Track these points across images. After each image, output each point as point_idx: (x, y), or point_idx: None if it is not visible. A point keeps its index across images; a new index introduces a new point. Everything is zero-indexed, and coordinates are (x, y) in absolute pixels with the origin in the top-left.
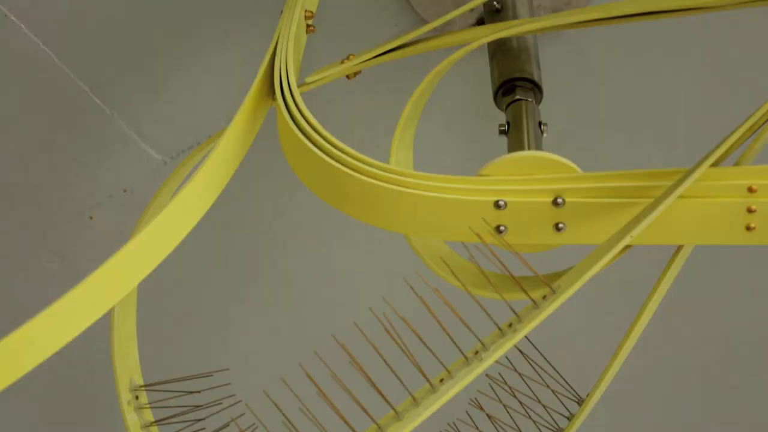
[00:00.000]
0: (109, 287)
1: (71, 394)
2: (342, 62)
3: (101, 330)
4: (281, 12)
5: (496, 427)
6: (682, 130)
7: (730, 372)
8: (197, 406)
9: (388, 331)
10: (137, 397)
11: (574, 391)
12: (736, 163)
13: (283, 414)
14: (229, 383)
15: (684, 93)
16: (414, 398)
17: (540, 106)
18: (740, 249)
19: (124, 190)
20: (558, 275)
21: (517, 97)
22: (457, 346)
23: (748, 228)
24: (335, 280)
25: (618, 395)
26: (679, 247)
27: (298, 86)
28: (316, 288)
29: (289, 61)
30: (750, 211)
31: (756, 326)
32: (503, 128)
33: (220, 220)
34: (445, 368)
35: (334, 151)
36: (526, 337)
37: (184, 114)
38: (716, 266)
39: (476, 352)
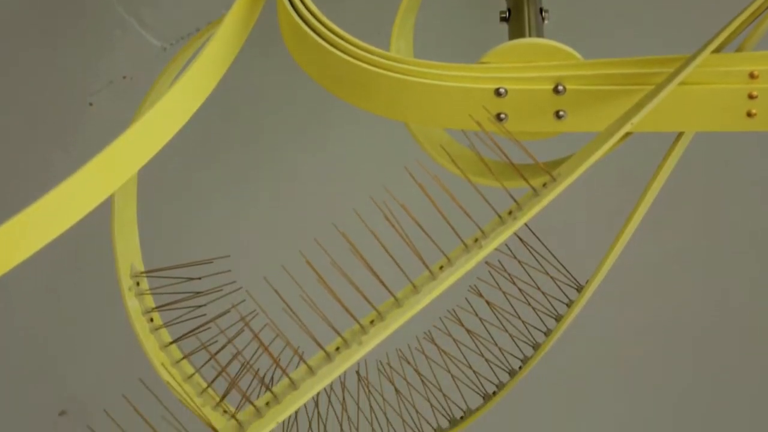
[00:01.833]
0: (109, 173)
1: (72, 280)
2: None
3: (102, 216)
4: None
5: (495, 314)
6: (684, 16)
7: (732, 257)
8: (198, 293)
9: (387, 219)
10: (138, 284)
11: (573, 278)
12: (738, 50)
13: (284, 301)
14: (230, 270)
15: None
16: (414, 285)
17: None
18: (741, 136)
19: (124, 77)
20: (558, 163)
21: None
22: (457, 234)
23: (749, 114)
24: (335, 168)
25: (617, 282)
26: (680, 134)
27: None
28: (317, 177)
29: None
30: (751, 97)
31: (756, 212)
32: (504, 15)
33: (221, 111)
34: (445, 256)
35: (335, 39)
36: (525, 224)
37: (184, 0)
38: (717, 154)
39: (476, 240)
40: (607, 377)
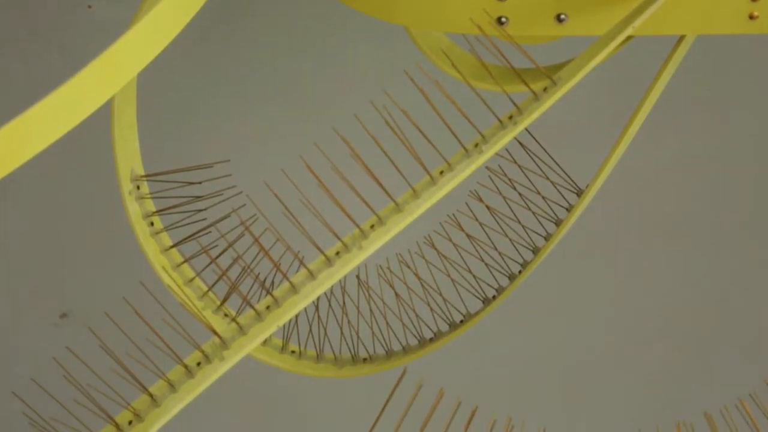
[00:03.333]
0: (108, 76)
1: (72, 184)
2: None
3: (101, 120)
4: None
5: (495, 219)
6: None
7: (731, 161)
8: (198, 197)
9: (387, 123)
10: (138, 187)
11: (574, 182)
12: None
13: (284, 205)
14: (230, 174)
15: None
16: (414, 190)
17: None
18: (742, 40)
19: None
20: (559, 67)
21: None
22: (457, 138)
23: (751, 17)
24: (336, 74)
25: (617, 186)
26: (681, 38)
27: None
28: (317, 83)
29: None
30: None
31: (755, 117)
32: None
33: (221, 17)
34: (445, 160)
35: None
36: (526, 129)
37: None
38: (717, 59)
39: (476, 145)
40: (605, 280)
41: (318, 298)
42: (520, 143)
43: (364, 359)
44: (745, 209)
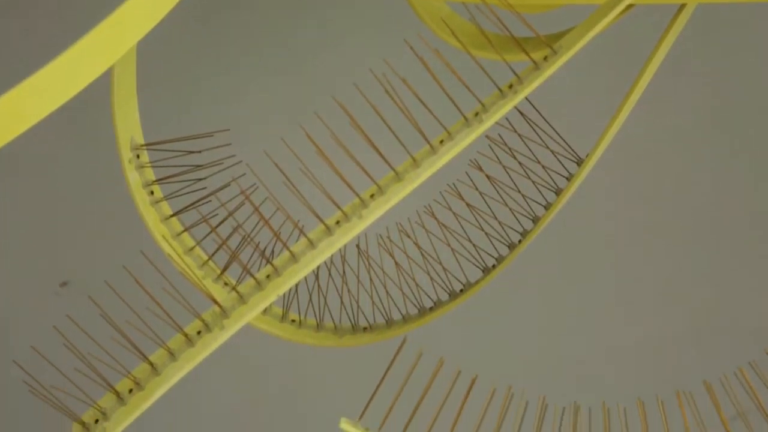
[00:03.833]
0: (108, 45)
1: (72, 153)
2: None
3: (101, 88)
4: None
5: (495, 188)
6: None
7: (730, 131)
8: (198, 166)
9: (387, 92)
10: (138, 156)
11: (574, 151)
12: None
13: (284, 174)
14: (230, 143)
15: None
16: (414, 159)
17: None
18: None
19: None
20: (559, 36)
21: None
22: (458, 107)
23: None
24: (335, 43)
25: (617, 156)
26: (681, 6)
27: None
28: (317, 51)
29: None
30: None
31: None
32: None
33: None
34: (445, 129)
35: None
36: (526, 98)
37: None
38: (716, 29)
39: (476, 114)
40: (605, 248)
41: (318, 267)
42: (520, 112)
43: (364, 328)
44: (745, 178)
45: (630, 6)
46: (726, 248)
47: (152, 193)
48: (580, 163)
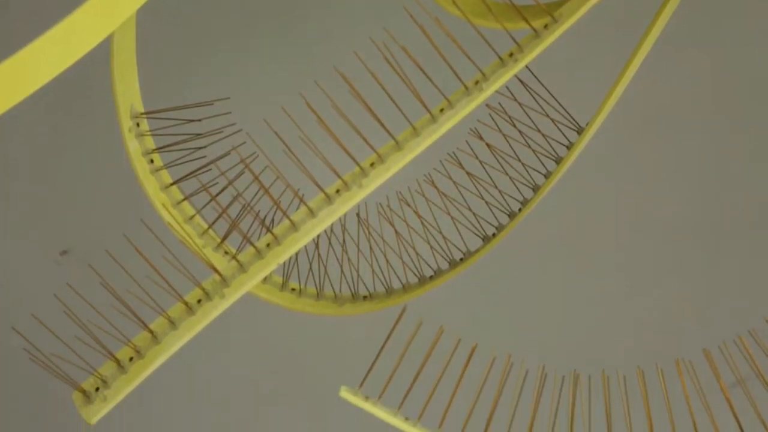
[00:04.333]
0: (108, 12)
1: (72, 121)
2: None
3: (101, 57)
4: None
5: (495, 157)
6: None
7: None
8: (198, 135)
9: (388, 60)
10: (138, 125)
11: (574, 120)
12: None
13: (284, 142)
14: (230, 112)
15: None
16: (414, 128)
17: None
18: None
19: None
20: (560, 4)
21: None
22: (458, 76)
23: None
24: (336, 11)
25: (617, 124)
26: None
27: None
28: (318, 21)
29: None
30: None
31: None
32: None
33: None
34: (446, 98)
35: None
36: (526, 66)
37: None
38: None
39: (477, 82)
40: (606, 217)
41: (318, 236)
42: (521, 81)
43: (364, 297)
44: (746, 143)
45: None
46: (727, 219)
47: (152, 161)
48: (580, 131)
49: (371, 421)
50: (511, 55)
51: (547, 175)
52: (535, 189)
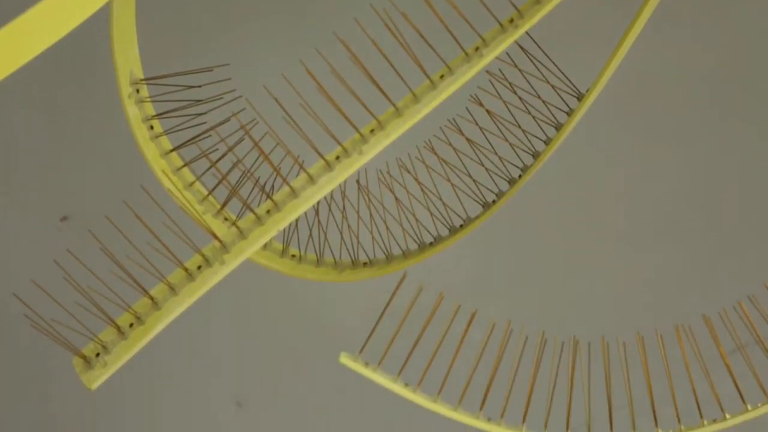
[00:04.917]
0: None
1: (72, 87)
2: None
3: (100, 23)
4: None
5: (495, 123)
6: None
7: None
8: (198, 101)
9: (388, 26)
10: (138, 91)
11: (574, 86)
12: None
13: (284, 109)
14: (230, 78)
15: None
16: (414, 95)
17: None
18: None
19: None
20: None
21: None
22: (458, 42)
23: None
24: None
25: (618, 91)
26: None
27: None
28: None
29: None
30: None
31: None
32: None
33: None
34: (446, 64)
35: None
36: (526, 32)
37: None
38: None
39: (477, 48)
40: (606, 182)
41: (318, 203)
42: (521, 47)
43: (364, 263)
44: (750, 111)
45: None
46: (727, 187)
47: (152, 128)
48: (580, 98)
49: (371, 389)
50: (511, 21)
51: (548, 142)
52: (535, 155)
